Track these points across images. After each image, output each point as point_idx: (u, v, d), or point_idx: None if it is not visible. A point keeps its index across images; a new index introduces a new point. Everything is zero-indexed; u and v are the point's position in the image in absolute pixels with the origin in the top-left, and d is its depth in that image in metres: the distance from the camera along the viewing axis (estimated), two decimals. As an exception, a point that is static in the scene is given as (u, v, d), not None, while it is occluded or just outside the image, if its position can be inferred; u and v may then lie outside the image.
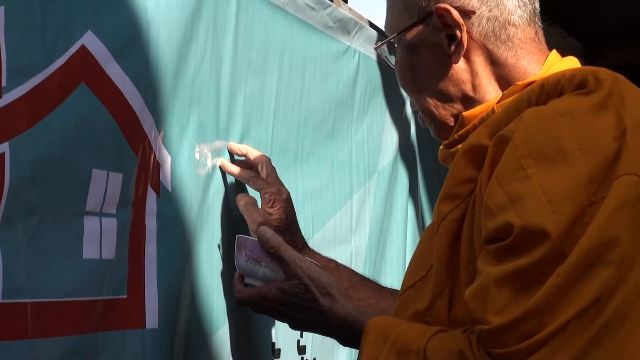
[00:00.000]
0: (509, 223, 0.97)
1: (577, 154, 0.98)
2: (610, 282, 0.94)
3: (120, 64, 1.27)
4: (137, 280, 1.31)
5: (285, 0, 1.71)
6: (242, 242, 1.38)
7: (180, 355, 1.39)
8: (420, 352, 1.04)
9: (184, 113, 1.43)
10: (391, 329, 1.12)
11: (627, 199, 0.96)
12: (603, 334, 0.93)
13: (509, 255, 0.97)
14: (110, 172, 1.25)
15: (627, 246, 0.95)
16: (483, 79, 1.24)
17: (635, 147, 0.98)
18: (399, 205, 2.28)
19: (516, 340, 0.94)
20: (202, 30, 1.46)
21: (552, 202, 0.96)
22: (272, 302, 1.33)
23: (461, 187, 1.12)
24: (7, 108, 1.09)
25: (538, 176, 0.98)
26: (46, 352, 1.13)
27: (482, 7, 1.21)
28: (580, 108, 1.01)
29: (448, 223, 1.12)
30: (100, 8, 1.23)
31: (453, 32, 1.22)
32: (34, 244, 1.13)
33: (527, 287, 0.95)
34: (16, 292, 1.09)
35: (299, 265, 1.32)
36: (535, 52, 1.24)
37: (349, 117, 2.02)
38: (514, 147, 1.02)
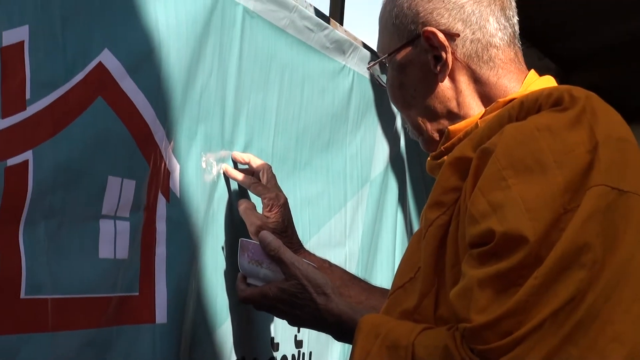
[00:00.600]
0: (490, 229, 0.98)
1: (553, 166, 0.98)
2: (583, 283, 0.94)
3: (134, 79, 1.27)
4: (148, 278, 1.31)
5: (286, 22, 1.72)
6: (244, 245, 1.38)
7: (186, 347, 1.39)
8: (408, 348, 1.04)
9: (192, 125, 1.43)
10: (382, 325, 1.12)
11: (598, 208, 0.96)
12: (576, 331, 0.93)
13: (490, 259, 0.97)
14: (124, 179, 1.25)
15: (598, 251, 0.95)
16: (467, 96, 1.23)
17: (606, 160, 0.98)
18: (389, 212, 2.27)
19: (497, 337, 0.94)
20: (209, 49, 1.46)
21: (531, 210, 0.96)
22: (272, 301, 1.33)
23: (447, 196, 1.12)
24: (30, 119, 1.09)
25: (518, 186, 0.98)
26: (65, 344, 1.13)
27: (466, 30, 1.21)
28: (557, 123, 1.01)
29: (435, 229, 1.12)
30: (116, 28, 1.24)
31: (439, 53, 1.22)
32: (54, 244, 1.13)
33: (507, 289, 0.95)
34: (38, 289, 1.09)
35: (297, 267, 1.32)
36: (515, 72, 1.24)
37: (344, 130, 2.02)
38: (496, 159, 1.02)
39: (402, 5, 1.25)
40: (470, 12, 1.21)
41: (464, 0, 1.21)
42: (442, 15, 1.21)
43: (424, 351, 1.02)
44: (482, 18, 1.22)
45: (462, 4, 1.21)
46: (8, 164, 1.05)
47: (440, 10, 1.21)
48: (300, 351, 1.79)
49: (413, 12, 1.23)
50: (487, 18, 1.22)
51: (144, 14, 1.29)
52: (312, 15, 1.81)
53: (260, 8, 1.62)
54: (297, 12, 1.74)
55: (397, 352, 1.05)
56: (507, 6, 1.25)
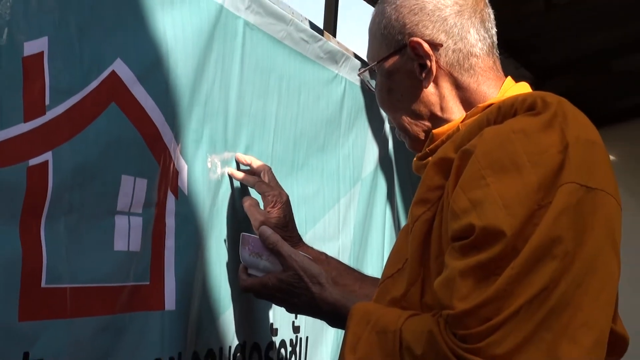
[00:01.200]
0: (471, 224, 0.98)
1: (528, 166, 0.98)
2: (556, 273, 0.94)
3: (144, 86, 1.27)
4: (158, 269, 1.31)
5: (284, 34, 1.72)
6: (246, 238, 1.39)
7: (193, 332, 1.39)
8: (397, 332, 1.04)
9: (199, 128, 1.43)
10: (372, 312, 1.12)
11: (569, 204, 0.96)
12: (549, 317, 0.93)
13: (471, 251, 0.97)
14: (137, 177, 1.26)
15: (569, 243, 0.95)
16: (449, 101, 1.23)
17: (576, 160, 0.99)
18: (379, 208, 2.28)
19: (477, 323, 0.94)
20: (213, 58, 1.47)
21: (508, 206, 0.96)
22: (271, 290, 1.33)
23: (431, 193, 1.12)
24: (50, 123, 1.09)
25: (496, 184, 0.98)
26: (82, 329, 1.14)
27: (449, 40, 1.21)
28: (531, 127, 1.02)
29: (420, 224, 1.12)
30: (128, 39, 1.24)
31: (424, 62, 1.22)
32: (73, 237, 1.13)
33: (486, 278, 0.95)
34: (57, 278, 1.09)
35: (294, 259, 1.32)
36: (493, 79, 1.24)
37: (337, 134, 2.03)
38: (476, 159, 1.02)
39: (390, 17, 1.25)
40: (453, 24, 1.21)
41: (446, 14, 1.21)
42: (427, 27, 1.21)
43: (410, 336, 1.02)
44: (463, 30, 1.22)
45: (445, 16, 1.21)
46: (30, 164, 1.05)
47: (425, 23, 1.22)
48: (298, 336, 1.79)
49: (400, 24, 1.23)
50: (467, 30, 1.22)
51: (153, 27, 1.30)
52: (307, 28, 1.82)
53: (259, 21, 1.63)
54: (294, 25, 1.75)
55: (386, 336, 1.06)
56: (486, 19, 1.25)
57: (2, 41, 1.02)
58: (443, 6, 1.21)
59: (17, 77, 1.04)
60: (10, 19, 1.03)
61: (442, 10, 1.21)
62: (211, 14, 1.45)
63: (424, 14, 1.22)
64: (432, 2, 1.22)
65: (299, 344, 1.80)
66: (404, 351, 1.02)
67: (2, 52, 1.02)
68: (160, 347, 1.30)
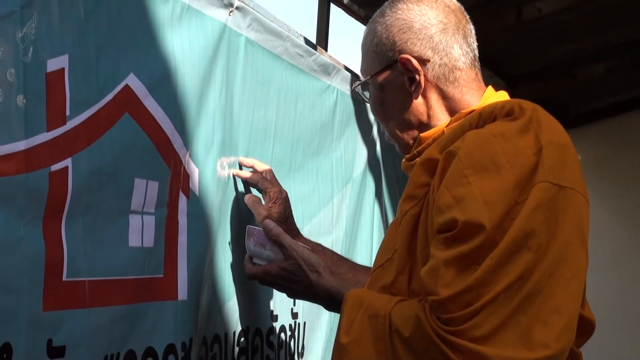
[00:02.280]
0: (454, 218, 0.98)
1: (506, 166, 0.99)
2: (530, 263, 0.95)
3: (155, 98, 1.26)
4: (172, 262, 1.30)
5: (281, 49, 1.71)
6: (251, 231, 1.38)
7: (203, 320, 1.38)
8: (386, 316, 1.04)
9: (209, 135, 1.42)
10: (364, 298, 1.13)
11: (542, 201, 0.97)
12: (525, 302, 0.94)
13: (454, 243, 0.98)
14: (149, 180, 1.25)
15: (543, 236, 0.96)
16: (436, 110, 1.23)
17: (549, 161, 0.99)
18: (368, 205, 2.27)
19: (459, 308, 0.95)
20: (218, 72, 1.45)
21: (487, 202, 0.97)
22: (274, 277, 1.33)
23: (418, 190, 1.12)
24: (70, 132, 1.08)
25: (477, 182, 0.99)
26: (100, 318, 1.13)
27: (435, 56, 1.21)
28: (509, 131, 1.02)
29: (408, 218, 1.12)
30: (140, 56, 1.23)
31: (413, 76, 1.21)
32: (91, 235, 1.12)
33: (467, 267, 0.96)
34: (77, 272, 1.08)
35: (294, 249, 1.32)
36: (475, 89, 1.24)
37: (330, 138, 2.02)
38: (459, 160, 1.02)
39: (381, 36, 1.24)
40: (438, 42, 1.21)
41: (432, 32, 1.21)
42: (415, 44, 1.21)
43: (399, 319, 1.03)
44: (448, 46, 1.21)
45: (431, 34, 1.21)
46: (52, 169, 1.04)
47: (413, 40, 1.21)
48: (296, 321, 1.79)
49: (390, 42, 1.23)
50: (452, 46, 1.21)
51: (162, 44, 1.29)
52: (302, 43, 1.81)
53: (259, 38, 1.62)
54: (290, 41, 1.74)
55: (377, 320, 1.06)
56: (468, 35, 1.25)
57: (28, 59, 1.01)
58: (429, 25, 1.21)
59: (41, 91, 1.03)
60: (35, 39, 1.02)
61: (428, 28, 1.21)
62: (215, 32, 1.44)
63: (412, 32, 1.21)
64: (419, 21, 1.21)
65: (297, 328, 1.79)
66: (393, 333, 1.03)
67: (27, 68, 1.01)
68: (174, 334, 1.29)
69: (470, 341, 0.93)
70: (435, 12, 1.22)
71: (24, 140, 1.00)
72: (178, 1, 1.33)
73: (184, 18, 1.35)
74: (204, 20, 1.41)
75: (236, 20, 1.52)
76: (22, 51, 1.00)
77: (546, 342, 0.93)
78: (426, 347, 0.97)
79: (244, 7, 1.53)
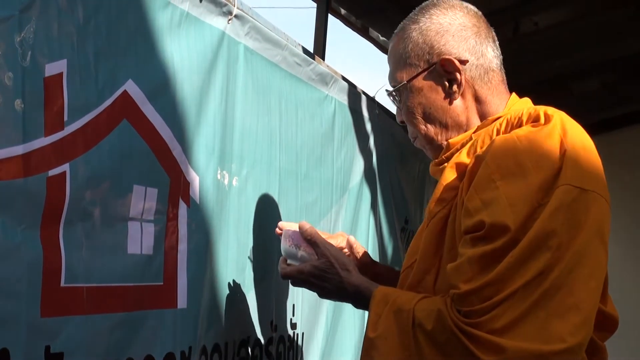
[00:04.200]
0: (482, 221, 1.03)
1: (531, 170, 1.03)
2: (550, 261, 0.99)
3: (153, 104, 1.26)
4: (172, 271, 1.29)
5: (280, 58, 1.72)
6: (287, 233, 1.38)
7: (203, 328, 1.37)
8: (410, 311, 1.09)
9: (209, 144, 1.41)
10: (390, 294, 1.17)
11: (564, 202, 1.01)
12: (543, 298, 0.98)
13: (480, 242, 1.03)
14: (148, 187, 1.24)
15: (563, 236, 1.00)
16: (471, 112, 1.25)
17: (572, 165, 1.03)
18: (363, 216, 2.28)
19: (479, 301, 1.00)
20: (218, 79, 1.45)
21: (512, 204, 1.02)
22: (307, 275, 1.31)
23: (448, 193, 1.17)
24: (68, 137, 1.08)
25: (504, 187, 1.03)
26: (98, 325, 1.12)
27: (472, 57, 1.23)
28: (535, 136, 1.07)
29: (437, 220, 1.17)
30: (139, 62, 1.23)
31: (454, 77, 1.23)
32: (89, 241, 1.11)
33: (490, 265, 1.01)
34: (75, 278, 1.08)
35: (327, 248, 1.32)
36: (503, 92, 1.27)
37: (332, 148, 2.02)
38: (487, 164, 1.07)
39: (417, 40, 1.26)
40: (474, 44, 1.23)
41: (468, 34, 1.23)
42: (453, 47, 1.23)
43: (422, 314, 1.08)
44: (482, 47, 1.24)
45: (467, 37, 1.23)
46: (49, 175, 1.04)
47: (451, 43, 1.23)
48: (295, 332, 1.78)
49: (428, 45, 1.24)
50: (486, 47, 1.24)
51: (161, 51, 1.29)
52: (300, 52, 1.81)
53: (258, 46, 1.62)
54: (288, 50, 1.74)
55: (401, 314, 1.10)
56: (495, 39, 1.28)
57: (26, 63, 1.01)
58: (464, 28, 1.24)
59: (39, 95, 1.03)
60: (33, 43, 1.02)
61: (464, 31, 1.24)
62: (214, 39, 1.45)
63: (449, 35, 1.24)
64: (455, 24, 1.24)
65: (296, 339, 1.78)
66: (417, 327, 1.07)
67: (26, 73, 1.00)
68: (173, 342, 1.28)
69: (488, 333, 0.98)
70: (468, 16, 1.26)
71: (21, 145, 1.00)
72: (177, 8, 1.33)
73: (182, 25, 1.35)
74: (203, 28, 1.41)
75: (235, 28, 1.52)
76: (21, 55, 1.00)
77: (563, 336, 0.96)
78: (447, 338, 1.02)
79: (243, 15, 1.54)
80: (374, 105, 2.41)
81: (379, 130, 2.43)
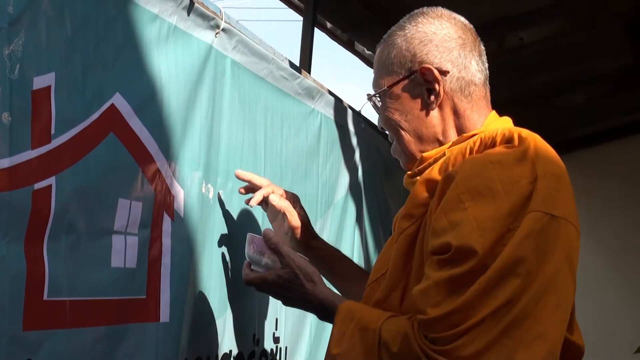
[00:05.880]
0: (448, 242, 1.01)
1: (501, 193, 1.02)
2: (518, 289, 0.97)
3: (140, 118, 1.27)
4: (154, 284, 1.30)
5: (266, 72, 1.73)
6: (251, 238, 1.38)
7: (185, 342, 1.37)
8: (376, 331, 1.07)
9: (194, 156, 1.42)
10: (356, 311, 1.15)
11: (533, 229, 1.00)
12: (511, 327, 0.96)
13: (446, 265, 1.01)
14: (133, 201, 1.25)
15: (532, 264, 0.98)
16: (448, 125, 1.25)
17: (543, 190, 1.02)
18: (348, 230, 2.28)
19: (446, 328, 0.98)
20: (205, 93, 1.46)
21: (481, 228, 1.00)
22: (271, 284, 1.31)
23: (417, 210, 1.15)
24: (54, 150, 1.08)
25: (472, 208, 1.02)
26: (81, 339, 1.12)
27: (454, 69, 1.23)
28: (506, 158, 1.06)
29: (405, 236, 1.15)
30: (126, 76, 1.24)
31: (432, 86, 1.23)
32: (73, 254, 1.12)
33: (457, 290, 0.99)
34: (58, 292, 1.08)
35: (292, 258, 1.31)
36: (484, 108, 1.27)
37: (317, 163, 2.03)
38: (456, 185, 1.05)
39: (400, 47, 1.26)
40: (457, 55, 1.23)
41: (452, 46, 1.24)
42: (435, 56, 1.23)
43: (388, 334, 1.06)
44: (466, 60, 1.24)
45: (451, 48, 1.23)
46: (35, 188, 1.04)
47: (434, 52, 1.23)
48: (278, 346, 1.78)
49: (411, 54, 1.25)
50: (469, 61, 1.24)
51: (149, 64, 1.30)
52: (287, 66, 1.83)
53: (244, 60, 1.64)
54: (275, 64, 1.76)
55: (367, 333, 1.09)
56: (482, 53, 1.28)
57: (14, 76, 1.02)
58: (449, 38, 1.24)
59: (27, 108, 1.04)
60: (22, 56, 1.03)
61: (449, 42, 1.24)
62: (201, 53, 1.46)
63: (432, 45, 1.24)
64: (439, 34, 1.24)
65: (279, 353, 1.79)
66: (382, 347, 1.06)
67: (14, 85, 1.01)
68: (155, 356, 1.28)
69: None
70: (455, 27, 1.26)
71: (8, 158, 1.00)
72: (165, 22, 1.35)
73: (170, 39, 1.36)
74: (190, 41, 1.43)
75: (222, 42, 1.54)
76: (9, 68, 1.01)
77: None
78: None
79: (230, 29, 1.55)
80: (360, 120, 2.43)
81: (365, 145, 2.45)
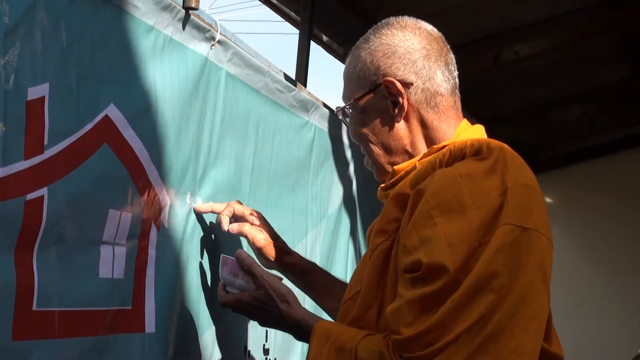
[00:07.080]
0: (419, 260, 1.02)
1: (472, 207, 1.03)
2: (492, 304, 0.98)
3: (134, 129, 1.28)
4: (140, 294, 1.31)
5: (261, 84, 1.74)
6: (224, 260, 1.39)
7: (172, 353, 1.38)
8: (352, 350, 1.08)
9: (183, 168, 1.44)
10: (332, 330, 1.16)
11: (505, 243, 1.00)
12: (486, 343, 0.97)
13: (418, 283, 1.02)
14: (122, 212, 1.26)
15: (505, 278, 0.99)
16: (416, 136, 1.26)
17: (514, 202, 1.03)
18: (342, 242, 2.28)
19: (420, 347, 0.98)
20: (198, 105, 1.48)
21: (451, 244, 1.01)
22: (246, 306, 1.33)
23: (389, 225, 1.15)
24: (47, 161, 1.09)
25: (442, 224, 1.03)
26: (69, 349, 1.13)
27: (418, 80, 1.24)
28: (476, 171, 1.06)
29: (379, 252, 1.16)
30: (121, 86, 1.26)
31: (396, 99, 1.24)
32: (62, 265, 1.13)
33: (430, 308, 1.00)
34: (48, 302, 1.09)
35: (265, 279, 1.32)
36: (453, 117, 1.28)
37: (307, 175, 2.04)
38: (426, 200, 1.06)
39: (365, 60, 1.27)
40: (422, 67, 1.24)
41: (416, 57, 1.24)
42: (399, 69, 1.24)
43: (364, 354, 1.06)
44: (430, 71, 1.25)
45: (415, 59, 1.24)
46: (27, 198, 1.06)
47: (397, 65, 1.24)
48: (267, 358, 1.79)
49: (375, 66, 1.26)
50: (434, 71, 1.25)
51: (143, 76, 1.32)
52: (282, 79, 1.84)
53: (239, 72, 1.65)
54: (270, 77, 1.77)
55: (343, 353, 1.09)
56: (449, 62, 1.28)
57: (9, 86, 1.03)
58: (413, 50, 1.25)
59: (21, 118, 1.05)
60: (16, 66, 1.04)
61: (412, 53, 1.25)
62: (197, 65, 1.47)
63: (396, 57, 1.25)
64: (403, 46, 1.25)
65: (268, 365, 1.79)
66: None
67: (8, 96, 1.02)
68: (141, 366, 1.29)
69: None
70: (419, 38, 1.26)
71: (0, 168, 1.02)
72: (160, 33, 1.36)
73: (165, 50, 1.38)
74: (186, 53, 1.44)
75: (217, 54, 1.55)
76: (4, 78, 1.02)
77: None
78: None
79: (226, 41, 1.57)
80: (353, 132, 2.43)
81: (359, 157, 2.45)
